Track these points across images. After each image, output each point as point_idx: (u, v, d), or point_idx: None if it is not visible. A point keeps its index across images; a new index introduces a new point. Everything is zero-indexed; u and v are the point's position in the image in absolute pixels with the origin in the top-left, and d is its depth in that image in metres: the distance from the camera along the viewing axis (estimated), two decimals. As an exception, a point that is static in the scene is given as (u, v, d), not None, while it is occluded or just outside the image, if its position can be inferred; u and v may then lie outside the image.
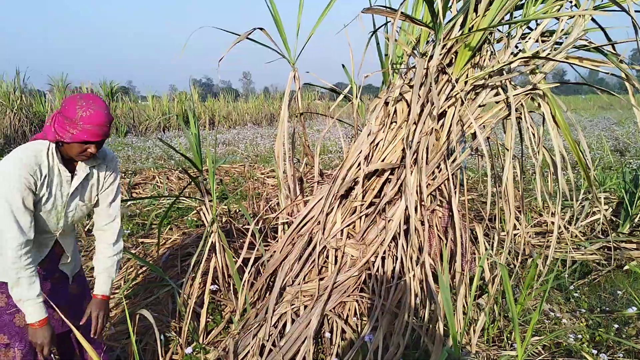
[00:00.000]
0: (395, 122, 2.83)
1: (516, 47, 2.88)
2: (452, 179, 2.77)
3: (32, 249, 2.05)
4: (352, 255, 2.80)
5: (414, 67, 2.99)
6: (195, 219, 6.06)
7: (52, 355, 2.17)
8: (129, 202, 7.35)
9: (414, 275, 2.65)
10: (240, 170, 9.50)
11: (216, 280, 3.52)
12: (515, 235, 4.11)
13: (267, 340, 2.64)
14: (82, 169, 2.20)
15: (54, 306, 2.15)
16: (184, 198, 6.68)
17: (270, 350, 2.62)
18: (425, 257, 2.62)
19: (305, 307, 2.76)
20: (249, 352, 2.67)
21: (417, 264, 2.65)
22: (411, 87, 2.80)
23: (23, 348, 2.28)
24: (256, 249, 3.27)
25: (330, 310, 2.70)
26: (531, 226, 5.29)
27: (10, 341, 2.30)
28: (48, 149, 2.06)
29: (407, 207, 2.69)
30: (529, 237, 5.00)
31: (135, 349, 1.57)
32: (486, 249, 2.97)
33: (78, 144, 2.02)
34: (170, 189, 8.03)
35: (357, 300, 2.80)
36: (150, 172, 9.55)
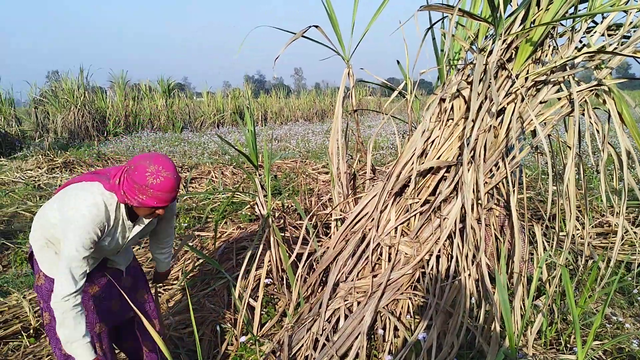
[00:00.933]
0: (452, 119, 2.80)
1: (580, 41, 2.77)
2: (511, 177, 2.70)
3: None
4: (405, 253, 2.79)
5: (471, 63, 2.94)
6: (249, 213, 6.18)
7: None
8: (185, 197, 7.58)
9: (469, 275, 2.61)
10: (292, 166, 9.60)
11: (270, 274, 3.59)
12: (575, 235, 3.97)
13: (321, 335, 2.68)
14: (144, 219, 2.30)
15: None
16: (239, 193, 6.82)
17: (324, 344, 2.65)
18: (482, 256, 2.57)
19: (359, 303, 2.78)
20: (302, 345, 2.71)
21: (472, 264, 2.61)
22: (469, 83, 2.75)
23: None
24: (310, 244, 3.31)
25: (384, 308, 2.70)
26: (592, 226, 5.08)
27: None
28: (117, 205, 2.11)
29: (463, 205, 2.65)
30: (590, 238, 4.81)
31: (197, 337, 1.63)
32: (545, 250, 2.89)
33: (146, 208, 2.05)
34: (225, 184, 8.21)
35: (410, 299, 2.79)
36: (206, 167, 9.79)
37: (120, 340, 2.74)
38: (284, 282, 3.55)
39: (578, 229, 4.02)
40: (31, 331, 3.44)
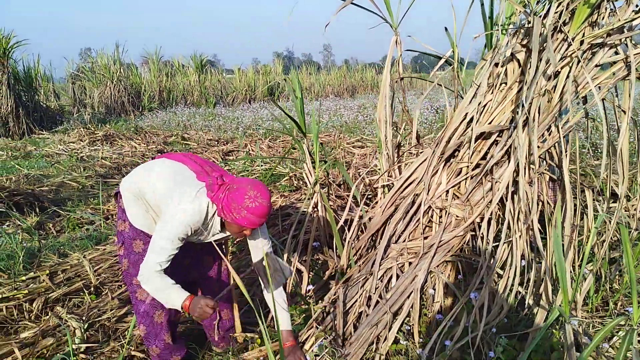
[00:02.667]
0: (505, 83, 2.80)
1: (637, 5, 2.73)
2: (563, 141, 2.71)
3: None
4: (456, 216, 2.84)
5: (524, 26, 2.93)
6: (288, 184, 6.28)
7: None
8: (225, 168, 7.73)
9: (520, 237, 2.65)
10: (327, 139, 9.65)
11: (318, 239, 3.68)
12: (627, 204, 3.95)
13: (374, 293, 2.77)
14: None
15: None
16: (278, 164, 6.93)
17: (377, 302, 2.74)
18: (534, 219, 2.61)
19: (410, 264, 2.85)
20: (356, 302, 2.81)
21: (524, 226, 2.65)
22: (523, 46, 2.75)
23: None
24: (359, 209, 3.38)
25: (435, 268, 2.77)
26: None
27: None
28: (214, 214, 2.33)
29: (515, 169, 2.68)
30: None
31: (249, 298, 1.72)
32: (595, 216, 2.90)
33: (237, 226, 2.25)
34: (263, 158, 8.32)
35: (460, 261, 2.85)
36: (242, 141, 9.93)
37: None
38: (332, 247, 3.65)
39: (630, 197, 3.99)
40: (92, 289, 3.63)
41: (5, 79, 12.17)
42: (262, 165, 7.47)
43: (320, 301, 3.07)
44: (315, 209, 3.68)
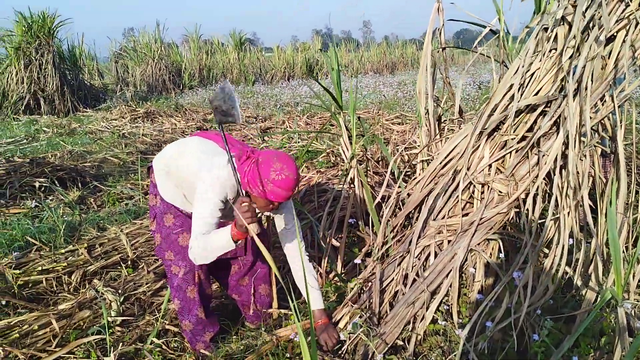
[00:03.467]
0: (555, 49, 2.61)
1: None
2: (618, 112, 2.51)
3: None
4: (499, 192, 2.69)
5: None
6: (325, 161, 6.20)
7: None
8: (262, 145, 7.71)
9: (568, 213, 2.48)
10: (366, 116, 9.49)
11: (354, 215, 3.59)
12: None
13: (411, 271, 2.67)
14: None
15: None
16: (315, 140, 6.84)
17: (414, 280, 2.64)
18: (584, 194, 2.43)
19: (449, 242, 2.73)
20: (392, 280, 2.72)
21: (573, 202, 2.48)
22: (575, 6, 2.54)
23: (185, 266, 2.54)
24: (397, 185, 3.26)
25: (476, 246, 2.64)
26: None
27: (175, 258, 2.56)
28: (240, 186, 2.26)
29: (564, 141, 2.50)
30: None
31: (277, 272, 1.64)
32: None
33: (263, 200, 2.18)
34: (300, 135, 8.24)
35: (503, 239, 2.70)
36: (280, 118, 9.89)
37: (219, 272, 2.87)
38: (368, 224, 3.55)
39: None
40: (129, 262, 3.67)
41: (50, 57, 12.45)
42: (299, 142, 7.41)
43: (355, 279, 2.99)
44: (352, 185, 3.59)
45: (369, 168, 4.70)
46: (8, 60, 12.61)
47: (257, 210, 2.39)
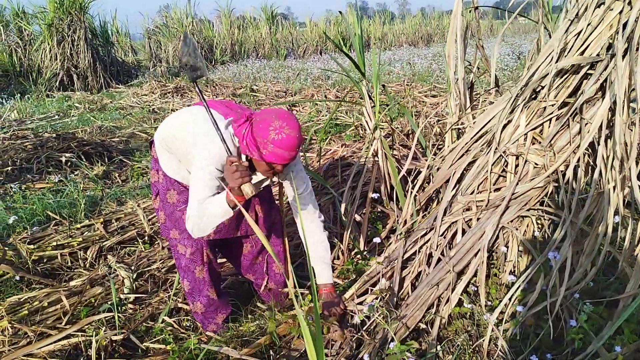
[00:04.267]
0: (603, 3, 2.31)
1: None
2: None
3: None
4: (535, 164, 2.44)
5: None
6: (353, 134, 5.98)
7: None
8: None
9: (614, 187, 2.22)
10: (397, 89, 9.17)
11: (378, 190, 3.39)
12: None
13: (436, 250, 2.46)
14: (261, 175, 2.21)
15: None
16: (339, 112, 6.62)
17: (439, 259, 2.44)
18: (632, 167, 2.16)
19: (478, 219, 2.50)
20: (415, 259, 2.52)
21: (619, 176, 2.21)
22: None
23: (192, 245, 2.39)
24: (428, 159, 3.03)
25: (508, 223, 2.40)
26: None
27: (180, 236, 2.42)
28: (239, 152, 2.09)
29: (611, 107, 2.22)
30: None
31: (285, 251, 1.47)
32: None
33: (265, 163, 1.99)
34: (328, 108, 8.03)
35: (538, 216, 2.46)
36: (309, 91, 9.67)
37: (230, 252, 2.72)
38: (393, 198, 3.34)
39: None
40: (146, 238, 3.57)
41: (82, 34, 12.47)
42: (327, 115, 7.19)
43: (374, 257, 2.80)
44: (376, 158, 3.37)
45: (395, 141, 4.47)
46: (42, 37, 12.71)
47: (262, 177, 2.23)
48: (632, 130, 2.23)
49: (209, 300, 2.50)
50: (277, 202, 2.72)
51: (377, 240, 2.70)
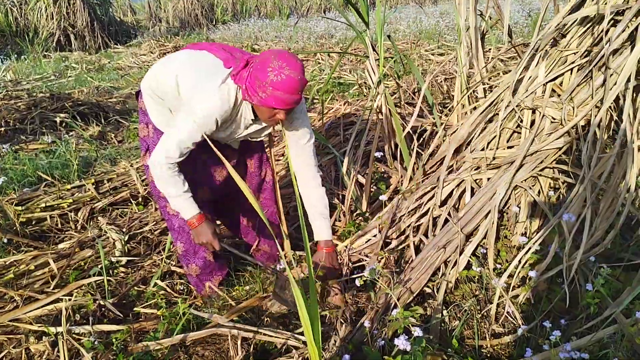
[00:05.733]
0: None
1: None
2: None
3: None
4: (553, 118, 2.24)
5: None
6: (357, 93, 5.76)
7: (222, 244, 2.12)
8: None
9: (639, 147, 2.03)
10: (403, 47, 8.86)
11: (382, 149, 3.21)
12: None
13: (441, 209, 2.30)
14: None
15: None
16: (346, 74, 6.38)
17: (446, 220, 2.28)
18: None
19: (489, 179, 2.33)
20: (419, 220, 2.36)
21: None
22: None
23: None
24: (433, 116, 2.84)
25: (522, 182, 2.23)
26: None
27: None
28: (241, 100, 1.94)
29: (640, 57, 2.01)
30: None
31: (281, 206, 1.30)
32: None
33: (266, 108, 1.83)
34: (331, 66, 7.77)
35: (554, 177, 2.28)
36: (312, 50, 9.39)
37: (221, 213, 2.58)
38: (397, 157, 3.17)
39: None
40: (140, 199, 3.43)
41: (78, -9, 12.11)
42: (329, 74, 6.95)
43: (377, 217, 2.64)
44: (380, 115, 3.18)
45: (401, 98, 4.26)
46: (37, -5, 12.36)
47: (265, 124, 2.09)
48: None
49: (205, 262, 2.37)
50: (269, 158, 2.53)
51: (383, 197, 2.55)
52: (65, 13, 12.07)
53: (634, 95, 2.07)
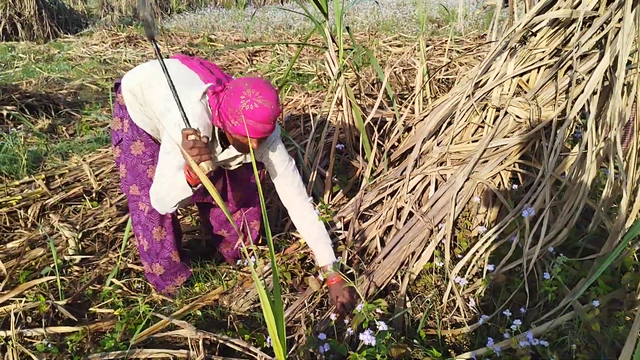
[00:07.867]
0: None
1: None
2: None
3: None
4: (517, 116, 2.25)
5: None
6: (316, 84, 5.73)
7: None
8: (249, 70, 7.20)
9: (598, 151, 2.06)
10: (361, 38, 8.87)
11: (343, 141, 3.20)
12: None
13: (407, 203, 2.30)
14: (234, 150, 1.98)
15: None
16: (305, 65, 6.33)
17: (410, 213, 2.28)
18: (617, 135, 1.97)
19: (452, 174, 2.34)
20: (383, 213, 2.36)
21: (602, 139, 2.04)
22: None
23: (150, 204, 2.16)
24: (392, 108, 2.84)
25: (485, 177, 2.24)
26: None
27: (141, 193, 2.20)
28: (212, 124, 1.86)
29: (611, 64, 2.01)
30: None
31: (263, 204, 1.26)
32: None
33: (238, 136, 1.76)
34: (290, 57, 7.70)
35: (516, 171, 2.30)
36: (270, 40, 9.28)
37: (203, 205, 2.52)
38: (359, 150, 3.16)
39: None
40: (94, 195, 3.30)
41: (24, -22, 11.57)
42: (288, 65, 6.89)
43: (340, 211, 2.63)
44: (340, 106, 3.16)
45: (361, 90, 4.26)
46: (-21, -20, 11.73)
47: (238, 153, 1.99)
48: (630, 89, 2.05)
49: (170, 262, 2.31)
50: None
51: (345, 190, 2.53)
52: (11, 1, 11.51)
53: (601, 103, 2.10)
